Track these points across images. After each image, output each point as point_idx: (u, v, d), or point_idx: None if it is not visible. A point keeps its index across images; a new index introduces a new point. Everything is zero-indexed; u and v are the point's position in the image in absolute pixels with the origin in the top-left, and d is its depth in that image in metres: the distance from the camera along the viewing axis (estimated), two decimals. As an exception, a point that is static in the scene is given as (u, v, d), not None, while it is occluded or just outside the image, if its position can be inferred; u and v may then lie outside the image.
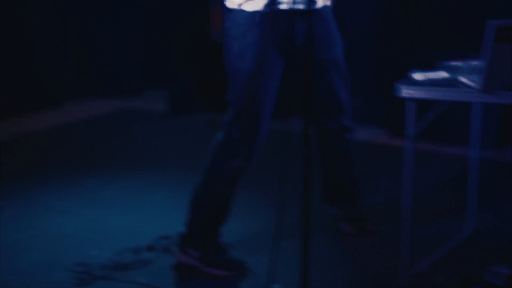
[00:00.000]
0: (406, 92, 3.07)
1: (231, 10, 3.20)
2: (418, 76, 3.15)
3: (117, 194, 4.51)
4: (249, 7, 3.15)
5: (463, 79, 3.03)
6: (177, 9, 6.88)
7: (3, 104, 6.17)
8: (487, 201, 3.97)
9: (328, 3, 3.41)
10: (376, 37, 5.56)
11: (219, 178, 3.38)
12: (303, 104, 2.51)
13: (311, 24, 2.50)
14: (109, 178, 4.77)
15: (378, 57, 5.54)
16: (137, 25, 7.03)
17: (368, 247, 3.68)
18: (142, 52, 7.11)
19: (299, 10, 3.15)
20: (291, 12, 3.17)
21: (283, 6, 3.16)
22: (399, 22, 5.43)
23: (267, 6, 3.14)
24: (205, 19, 6.51)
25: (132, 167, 5.01)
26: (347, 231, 3.78)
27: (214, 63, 6.44)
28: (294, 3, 3.15)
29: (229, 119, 3.31)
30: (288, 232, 3.13)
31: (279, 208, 2.89)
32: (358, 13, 5.54)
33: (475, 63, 3.13)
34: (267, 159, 3.64)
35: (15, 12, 6.24)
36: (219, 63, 6.25)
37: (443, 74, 3.16)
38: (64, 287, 3.35)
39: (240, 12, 3.17)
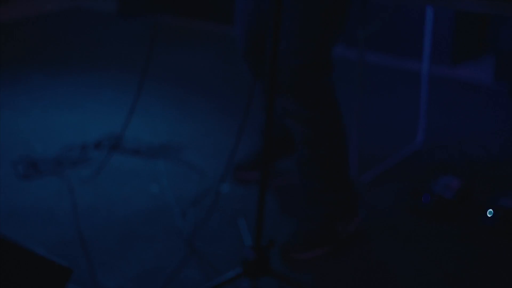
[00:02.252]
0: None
1: None
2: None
3: (64, 91, 4.41)
4: None
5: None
6: None
7: None
8: (438, 117, 3.95)
9: None
10: None
11: None
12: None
13: None
14: (55, 75, 4.65)
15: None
16: None
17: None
18: None
19: None
20: None
21: None
22: None
23: None
24: None
25: (79, 66, 4.89)
26: None
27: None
28: None
29: None
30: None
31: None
32: None
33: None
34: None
35: None
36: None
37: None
38: (9, 180, 3.29)
39: None
